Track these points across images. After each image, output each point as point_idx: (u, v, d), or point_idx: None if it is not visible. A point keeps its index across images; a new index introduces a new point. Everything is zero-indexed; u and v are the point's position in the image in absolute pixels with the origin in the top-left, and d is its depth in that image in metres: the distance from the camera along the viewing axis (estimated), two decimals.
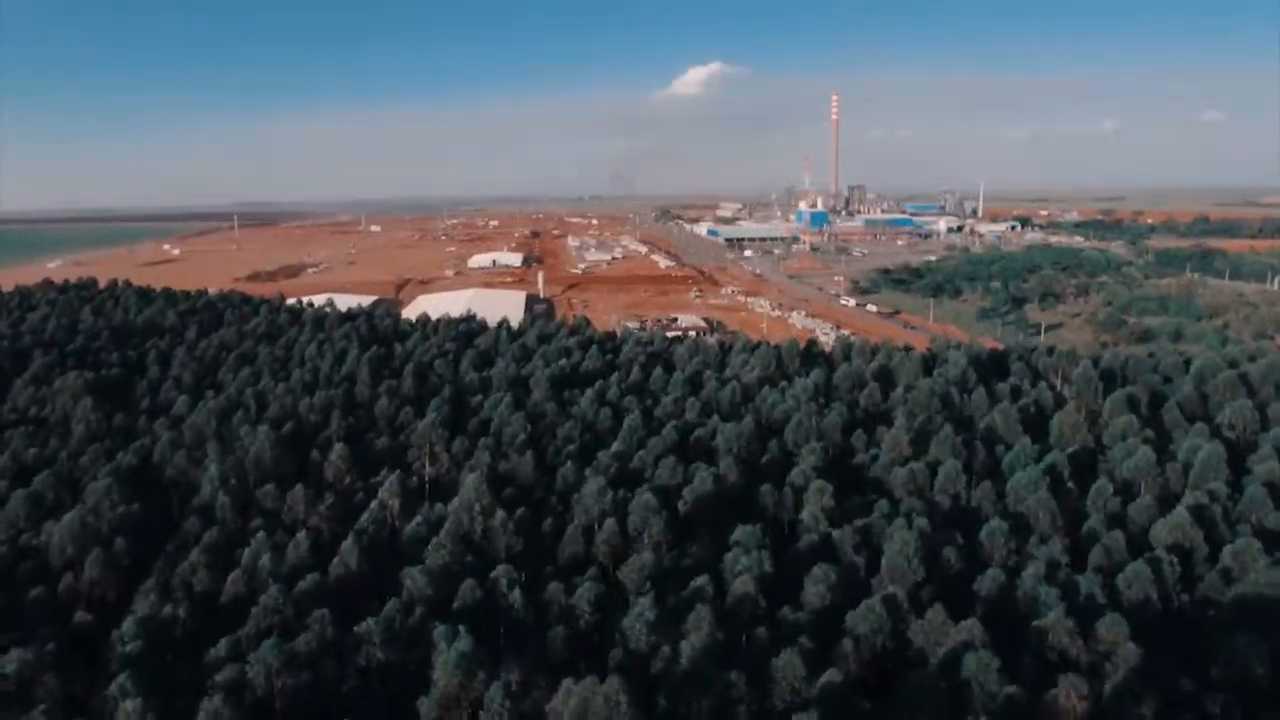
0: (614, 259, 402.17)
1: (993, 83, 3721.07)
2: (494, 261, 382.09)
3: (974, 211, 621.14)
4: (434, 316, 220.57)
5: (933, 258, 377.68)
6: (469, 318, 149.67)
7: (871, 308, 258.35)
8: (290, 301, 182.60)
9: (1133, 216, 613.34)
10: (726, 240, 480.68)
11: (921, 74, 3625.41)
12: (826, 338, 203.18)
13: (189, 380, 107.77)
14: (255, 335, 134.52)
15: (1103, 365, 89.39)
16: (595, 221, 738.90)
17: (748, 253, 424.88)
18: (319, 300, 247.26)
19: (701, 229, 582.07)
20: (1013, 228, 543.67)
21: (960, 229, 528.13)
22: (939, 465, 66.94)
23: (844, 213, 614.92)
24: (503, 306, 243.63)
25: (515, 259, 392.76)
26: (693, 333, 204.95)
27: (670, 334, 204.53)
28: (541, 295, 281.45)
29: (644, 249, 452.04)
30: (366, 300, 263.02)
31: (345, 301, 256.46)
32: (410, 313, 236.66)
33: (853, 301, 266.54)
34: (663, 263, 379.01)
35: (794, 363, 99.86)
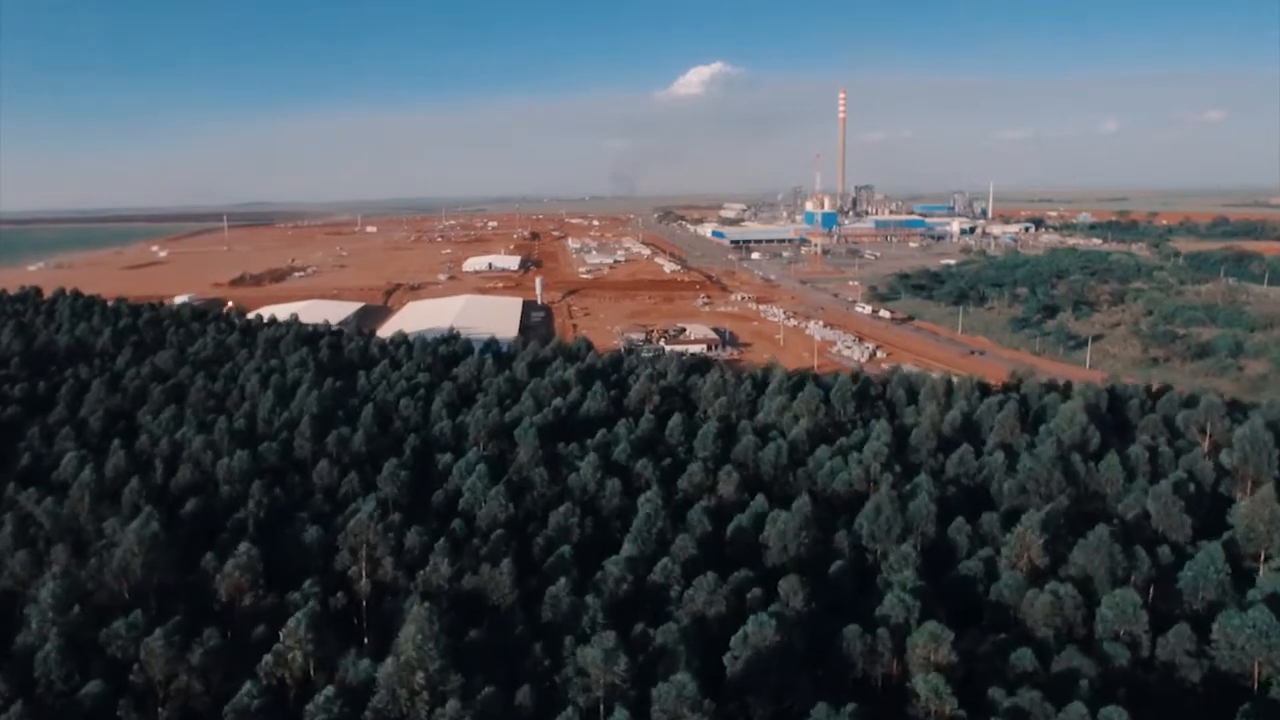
0: (616, 262, 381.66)
1: (993, 84, 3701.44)
2: (490, 265, 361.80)
3: (984, 213, 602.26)
4: (424, 325, 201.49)
5: (951, 262, 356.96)
6: (451, 338, 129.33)
7: (885, 313, 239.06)
8: (253, 315, 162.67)
9: (1148, 218, 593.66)
10: (732, 242, 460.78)
11: (922, 75, 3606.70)
12: (849, 351, 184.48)
13: (97, 425, 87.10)
14: (196, 361, 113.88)
15: (1264, 417, 68.28)
16: (596, 222, 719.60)
17: (755, 255, 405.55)
18: (291, 311, 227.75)
19: (705, 230, 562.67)
20: (1027, 229, 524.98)
21: (973, 230, 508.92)
22: (1092, 584, 46.56)
23: (851, 214, 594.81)
24: (497, 315, 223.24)
25: (512, 262, 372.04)
26: (703, 346, 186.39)
27: (679, 346, 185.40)
28: (539, 302, 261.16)
29: (647, 251, 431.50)
30: (353, 307, 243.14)
31: (327, 310, 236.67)
32: (399, 322, 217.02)
33: (868, 308, 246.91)
34: (667, 266, 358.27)
35: (847, 407, 79.33)
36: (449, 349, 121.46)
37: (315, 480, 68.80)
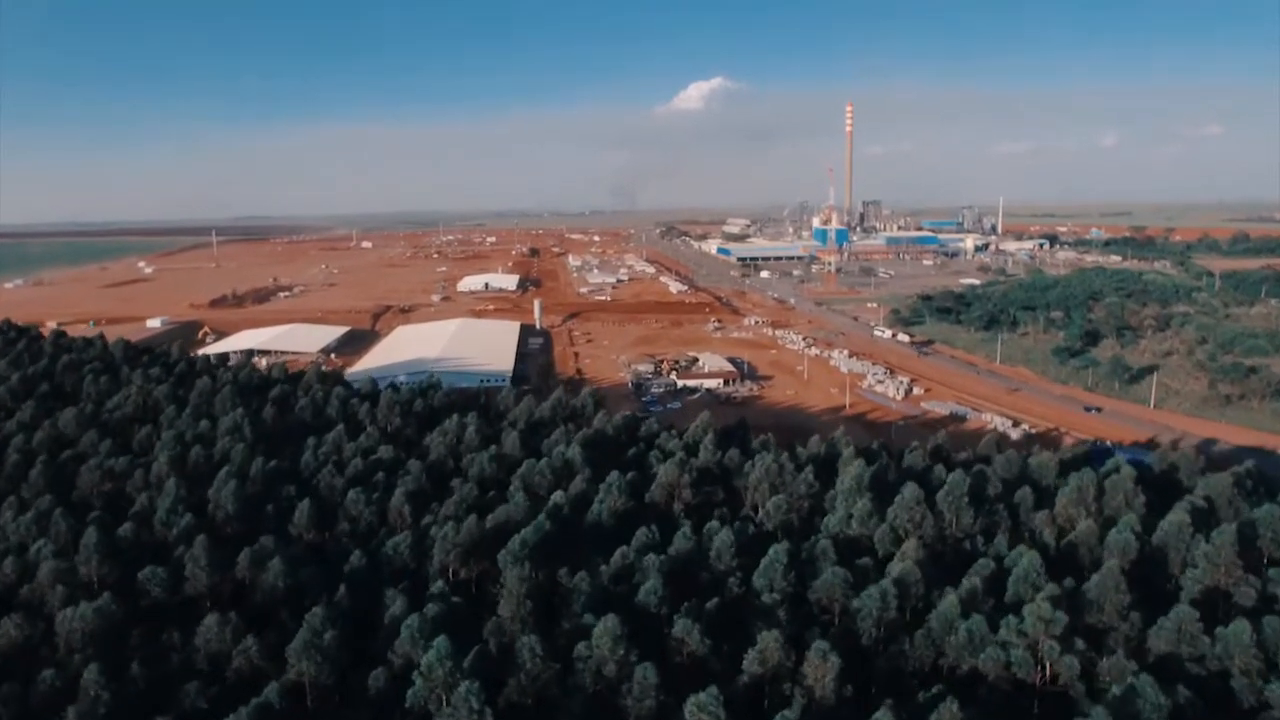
0: (619, 281, 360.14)
1: (992, 98, 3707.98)
2: (486, 285, 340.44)
3: (993, 228, 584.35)
4: (411, 354, 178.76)
5: (975, 282, 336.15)
6: (430, 387, 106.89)
7: (903, 337, 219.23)
8: (204, 351, 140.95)
9: (1165, 233, 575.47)
10: (739, 260, 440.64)
11: (921, 89, 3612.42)
12: (882, 386, 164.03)
13: None
14: (110, 422, 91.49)
15: None
16: (597, 238, 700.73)
17: (764, 274, 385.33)
18: (269, 335, 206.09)
19: (710, 246, 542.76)
20: (1041, 245, 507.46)
21: (986, 247, 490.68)
22: None
23: (859, 229, 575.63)
24: (492, 342, 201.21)
25: (510, 282, 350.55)
26: (719, 380, 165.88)
27: (692, 380, 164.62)
28: (538, 326, 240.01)
29: (651, 269, 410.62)
30: (337, 332, 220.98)
31: (309, 334, 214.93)
32: (384, 349, 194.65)
33: (888, 332, 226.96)
34: (673, 286, 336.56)
35: (961, 518, 56.92)
36: (425, 404, 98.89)
37: (199, 644, 46.33)
